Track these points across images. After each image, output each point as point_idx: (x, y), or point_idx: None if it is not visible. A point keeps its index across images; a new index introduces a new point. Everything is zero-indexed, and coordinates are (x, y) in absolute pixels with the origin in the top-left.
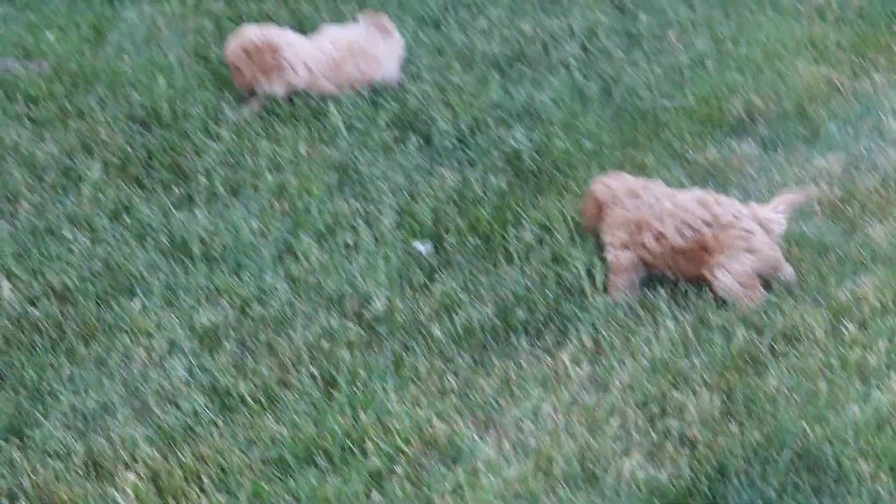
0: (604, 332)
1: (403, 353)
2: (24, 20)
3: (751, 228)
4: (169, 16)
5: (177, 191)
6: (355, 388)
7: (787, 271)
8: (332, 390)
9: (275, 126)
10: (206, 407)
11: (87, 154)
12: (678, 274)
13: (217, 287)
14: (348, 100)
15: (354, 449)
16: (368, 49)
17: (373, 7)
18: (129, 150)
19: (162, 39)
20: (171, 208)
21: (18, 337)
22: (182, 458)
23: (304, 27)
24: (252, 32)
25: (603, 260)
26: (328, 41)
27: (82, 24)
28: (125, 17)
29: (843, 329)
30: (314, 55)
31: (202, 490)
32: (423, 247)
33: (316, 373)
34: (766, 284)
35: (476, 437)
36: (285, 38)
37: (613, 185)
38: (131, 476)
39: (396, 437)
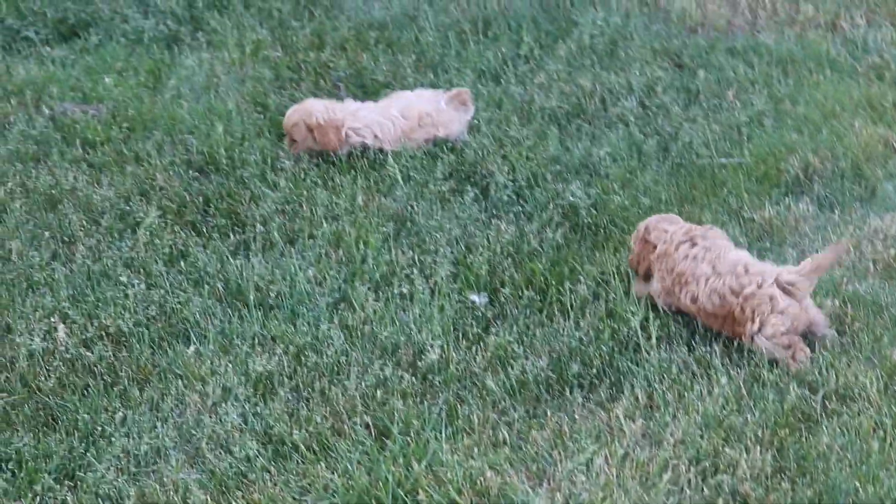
0: (657, 388)
1: (457, 404)
2: (83, 64)
3: (773, 294)
4: (227, 63)
5: (233, 237)
6: (408, 438)
7: (823, 324)
8: (385, 439)
9: (332, 175)
10: (260, 453)
11: (143, 199)
12: (713, 329)
13: (272, 334)
14: (406, 151)
15: (407, 499)
16: (438, 118)
17: (431, 59)
18: (185, 195)
19: (220, 86)
20: (228, 255)
21: (72, 379)
22: None
23: (362, 77)
24: (318, 111)
25: (657, 314)
26: (397, 111)
27: (140, 70)
28: (183, 63)
29: None
30: (382, 123)
31: None
32: (478, 299)
33: (369, 422)
34: (814, 343)
35: (529, 490)
36: (350, 110)
37: (669, 229)
38: None
39: (449, 487)
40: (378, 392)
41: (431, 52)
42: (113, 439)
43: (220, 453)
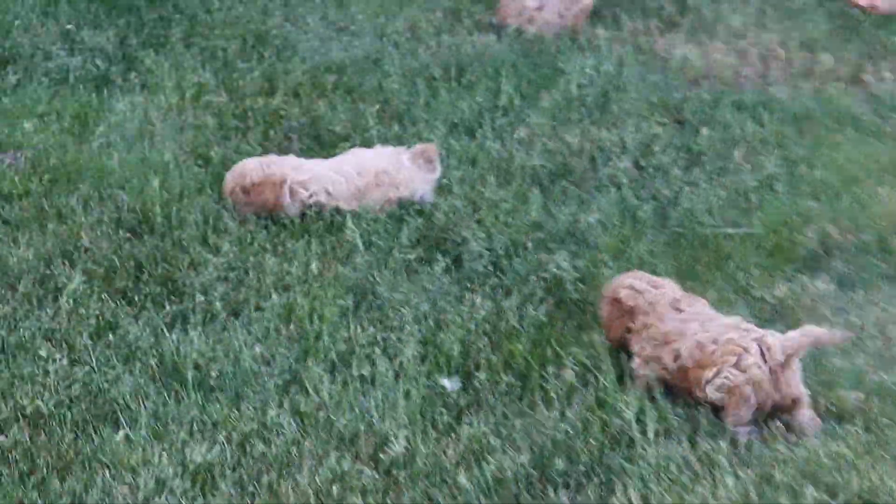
0: (654, 489)
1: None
2: None
3: (747, 347)
4: (164, 108)
5: (169, 308)
6: None
7: (804, 415)
8: None
9: (283, 240)
10: None
11: (66, 262)
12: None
13: (213, 420)
14: (367, 214)
15: None
16: (398, 176)
17: (397, 109)
18: (115, 259)
19: (156, 135)
20: (163, 328)
21: None
22: None
23: (317, 126)
24: (251, 169)
25: (654, 405)
26: (352, 167)
27: (65, 114)
28: (114, 107)
29: None
30: (334, 179)
31: None
32: (449, 383)
33: None
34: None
35: None
36: (292, 164)
37: (643, 288)
38: None
39: None
40: (334, 488)
41: (397, 100)
42: None
43: None
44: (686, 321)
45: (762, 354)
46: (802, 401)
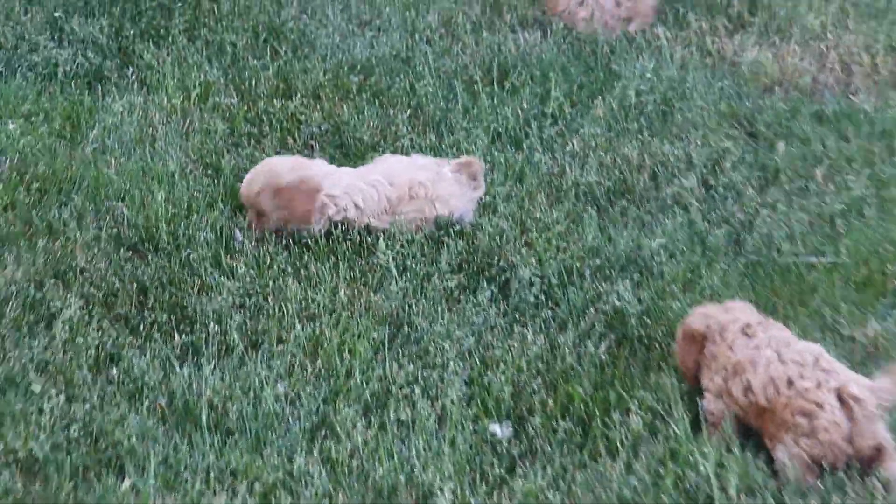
0: None
1: None
2: None
3: (822, 402)
4: (166, 110)
5: (179, 339)
6: None
7: (891, 468)
8: None
9: (306, 262)
10: None
11: (60, 284)
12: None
13: (232, 468)
14: (401, 234)
15: None
16: (435, 190)
17: (432, 115)
18: (115, 282)
19: (158, 140)
20: (172, 361)
21: None
22: None
23: (341, 133)
24: (286, 169)
25: (734, 457)
26: (383, 176)
27: (54, 114)
28: (109, 107)
29: None
30: (363, 189)
31: None
32: (500, 430)
33: None
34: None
35: None
36: (325, 171)
37: (716, 315)
38: None
39: None
40: None
41: (431, 105)
42: None
43: None
44: (758, 348)
45: (842, 407)
46: (886, 450)
